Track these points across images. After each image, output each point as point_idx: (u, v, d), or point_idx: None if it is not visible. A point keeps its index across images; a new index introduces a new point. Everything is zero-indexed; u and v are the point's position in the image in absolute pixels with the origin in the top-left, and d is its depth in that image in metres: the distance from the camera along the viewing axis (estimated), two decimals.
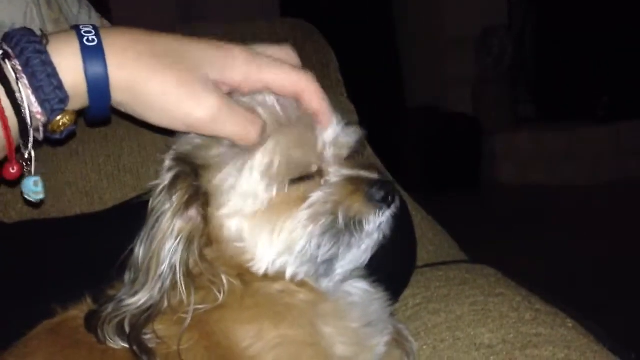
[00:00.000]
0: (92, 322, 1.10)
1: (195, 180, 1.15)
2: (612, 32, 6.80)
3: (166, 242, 1.11)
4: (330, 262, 1.18)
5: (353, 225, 1.17)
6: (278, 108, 1.17)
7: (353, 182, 1.19)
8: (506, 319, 1.42)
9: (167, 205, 1.12)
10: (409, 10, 7.86)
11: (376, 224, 1.19)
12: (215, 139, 1.17)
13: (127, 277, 1.13)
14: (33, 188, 1.12)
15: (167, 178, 1.14)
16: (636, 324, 3.45)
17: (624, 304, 4.08)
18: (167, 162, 1.17)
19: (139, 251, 1.11)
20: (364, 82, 4.46)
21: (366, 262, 1.24)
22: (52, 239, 1.53)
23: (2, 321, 1.30)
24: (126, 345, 1.07)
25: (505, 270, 1.77)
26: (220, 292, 1.14)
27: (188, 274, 1.13)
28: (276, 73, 1.16)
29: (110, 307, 1.10)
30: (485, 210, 6.40)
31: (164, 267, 1.10)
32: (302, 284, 1.20)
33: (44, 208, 1.67)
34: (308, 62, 1.93)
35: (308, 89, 1.17)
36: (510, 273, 1.74)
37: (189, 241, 1.13)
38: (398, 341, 1.33)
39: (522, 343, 1.33)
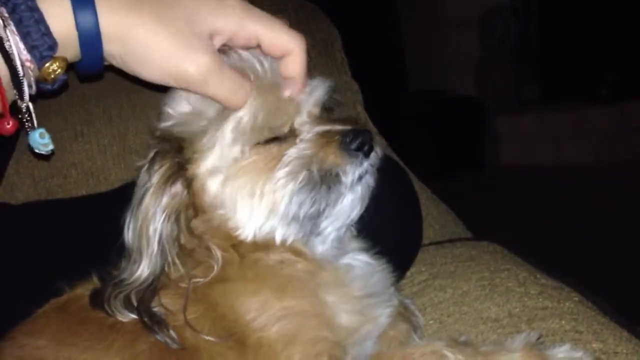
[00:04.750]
0: (97, 300, 1.12)
1: (176, 156, 1.15)
2: (615, 12, 6.75)
3: (153, 219, 1.11)
4: (314, 218, 1.17)
5: (329, 177, 1.15)
6: (258, 68, 1.17)
7: (326, 135, 1.17)
8: (512, 294, 1.42)
9: (149, 183, 1.12)
10: None
11: (354, 174, 1.17)
12: (197, 114, 1.17)
13: (125, 255, 1.14)
14: (40, 140, 1.10)
15: (149, 156, 1.14)
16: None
17: (629, 281, 4.09)
18: (150, 141, 1.18)
19: (128, 230, 1.12)
20: (367, 65, 4.44)
21: (355, 218, 1.22)
22: (58, 220, 1.54)
23: (9, 300, 1.31)
24: (135, 317, 1.09)
25: (511, 249, 1.77)
26: (215, 265, 1.15)
27: (182, 249, 1.14)
28: (270, 28, 1.15)
29: (112, 286, 1.11)
30: (489, 191, 6.39)
31: (154, 243, 1.11)
32: (298, 253, 1.20)
33: (50, 189, 1.68)
34: (313, 42, 1.93)
35: (295, 52, 1.16)
36: (515, 251, 1.75)
37: (175, 216, 1.14)
38: (405, 316, 1.33)
39: (528, 316, 1.33)
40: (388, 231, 1.30)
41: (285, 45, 1.16)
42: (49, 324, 1.15)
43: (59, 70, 1.04)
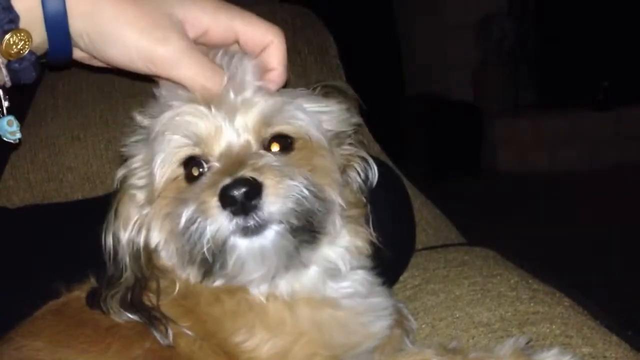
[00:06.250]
0: (94, 299, 1.14)
1: None
2: (612, 18, 6.77)
3: (123, 228, 1.16)
4: (199, 268, 1.09)
5: (195, 228, 1.04)
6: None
7: (214, 184, 1.04)
8: (504, 298, 1.43)
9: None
10: None
11: (218, 230, 1.02)
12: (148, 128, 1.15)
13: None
14: (7, 128, 1.09)
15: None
16: (633, 305, 3.47)
17: (622, 287, 4.10)
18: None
19: (106, 233, 1.16)
20: (363, 69, 4.45)
21: (260, 275, 1.09)
22: (54, 224, 1.55)
23: (7, 301, 1.31)
24: (131, 317, 1.11)
25: (506, 253, 1.78)
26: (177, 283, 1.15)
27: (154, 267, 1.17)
28: (247, 22, 1.12)
29: (106, 286, 1.14)
30: (485, 196, 6.40)
31: (125, 249, 1.15)
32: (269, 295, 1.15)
33: (46, 193, 1.69)
34: (308, 48, 1.94)
35: (274, 43, 1.13)
36: (510, 256, 1.75)
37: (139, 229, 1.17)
38: (398, 320, 1.34)
39: (519, 321, 1.34)
40: (381, 236, 1.30)
41: (263, 37, 1.13)
42: (46, 326, 1.15)
43: (22, 42, 1.01)
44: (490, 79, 7.53)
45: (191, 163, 1.10)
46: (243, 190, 1.00)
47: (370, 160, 1.27)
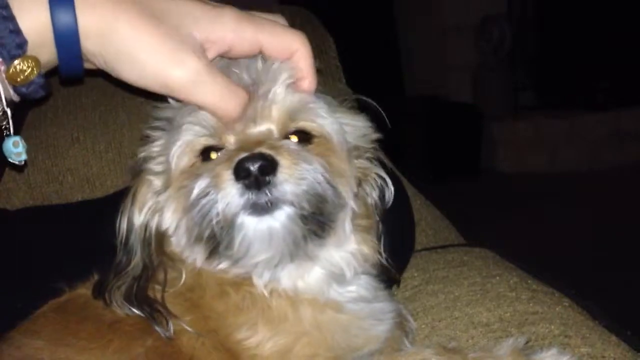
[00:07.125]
0: (100, 289, 1.14)
1: None
2: (610, 19, 6.78)
3: (138, 212, 1.17)
4: (205, 244, 1.09)
5: (206, 201, 1.04)
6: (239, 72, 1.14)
7: (229, 158, 1.04)
8: (503, 299, 1.43)
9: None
10: None
11: (230, 204, 1.02)
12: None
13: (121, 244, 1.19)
14: (12, 149, 1.05)
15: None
16: (632, 305, 3.47)
17: (621, 287, 4.10)
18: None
19: (122, 218, 1.18)
20: (363, 71, 4.46)
21: (269, 257, 1.08)
22: (54, 226, 1.55)
23: (9, 300, 1.31)
24: (134, 311, 1.11)
25: (505, 254, 1.78)
26: (184, 275, 1.16)
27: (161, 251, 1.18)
28: (271, 32, 1.10)
29: (113, 274, 1.14)
30: (485, 197, 6.41)
31: (137, 234, 1.16)
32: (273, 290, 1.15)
33: (46, 194, 1.69)
34: None
35: (300, 50, 1.12)
36: (509, 256, 1.76)
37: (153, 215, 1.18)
38: (397, 321, 1.34)
39: (519, 321, 1.34)
40: (381, 237, 1.30)
41: (289, 46, 1.12)
42: (47, 324, 1.15)
43: (29, 70, 0.98)
44: (490, 80, 7.54)
45: (208, 151, 1.12)
46: (258, 164, 1.00)
47: (389, 181, 1.26)
